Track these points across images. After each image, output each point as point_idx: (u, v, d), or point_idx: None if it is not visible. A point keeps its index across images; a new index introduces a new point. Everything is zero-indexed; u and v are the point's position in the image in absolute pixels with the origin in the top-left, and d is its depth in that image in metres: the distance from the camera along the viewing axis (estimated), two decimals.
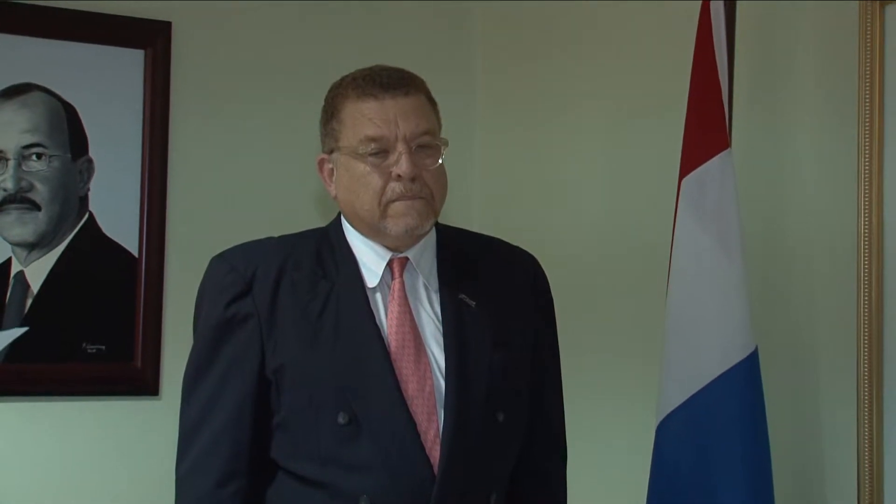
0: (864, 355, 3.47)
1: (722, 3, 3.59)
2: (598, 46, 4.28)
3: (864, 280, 3.47)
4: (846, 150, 3.52)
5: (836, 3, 3.59)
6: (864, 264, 3.48)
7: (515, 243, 3.19)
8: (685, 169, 3.53)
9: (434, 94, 3.01)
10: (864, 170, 3.48)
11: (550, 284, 3.17)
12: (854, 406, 3.48)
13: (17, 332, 3.09)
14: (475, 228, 3.33)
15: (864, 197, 3.48)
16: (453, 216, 3.34)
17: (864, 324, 3.47)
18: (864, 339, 3.47)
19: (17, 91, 3.73)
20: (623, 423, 4.03)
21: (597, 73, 4.28)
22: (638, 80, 4.14)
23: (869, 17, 3.47)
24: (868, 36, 3.47)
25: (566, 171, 4.34)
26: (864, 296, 3.47)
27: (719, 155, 3.48)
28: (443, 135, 2.98)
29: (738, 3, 3.64)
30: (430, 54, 4.31)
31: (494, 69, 4.61)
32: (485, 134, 4.55)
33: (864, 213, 3.48)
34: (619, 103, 4.20)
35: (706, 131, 3.52)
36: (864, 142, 3.48)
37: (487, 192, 4.52)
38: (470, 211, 4.23)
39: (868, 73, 3.48)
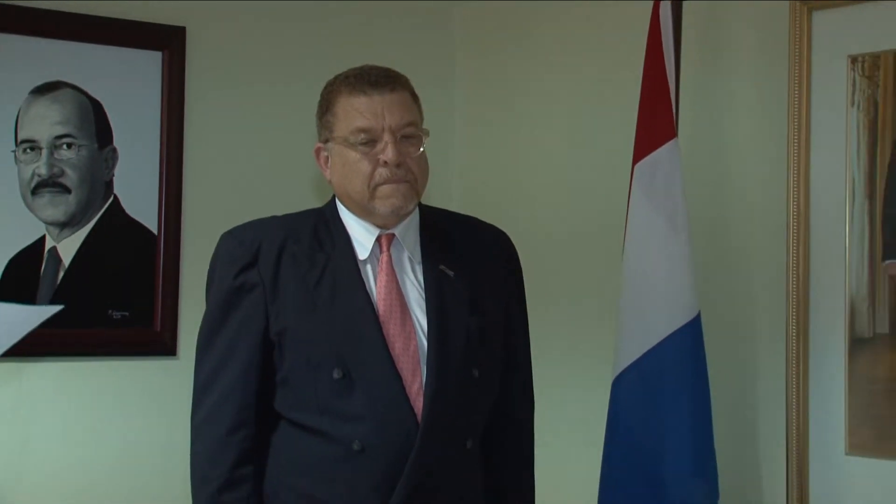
0: (793, 317, 3.47)
1: (669, 4, 3.59)
2: (563, 44, 4.25)
3: (792, 252, 3.47)
4: (777, 138, 3.53)
5: (770, 7, 3.59)
6: (793, 239, 3.48)
7: (490, 221, 3.21)
8: (637, 156, 3.53)
9: (417, 89, 3.03)
10: (793, 156, 3.48)
11: (520, 257, 3.18)
12: (783, 359, 3.49)
13: (54, 308, 3.10)
14: (454, 208, 3.35)
15: (793, 179, 3.48)
16: (434, 197, 3.37)
17: (793, 290, 3.47)
18: (793, 303, 3.47)
19: (48, 88, 3.71)
20: (584, 379, 4.01)
21: (563, 69, 4.25)
22: (599, 74, 4.12)
23: (798, 20, 3.47)
24: (797, 37, 3.47)
25: (536, 156, 4.32)
26: (793, 266, 3.47)
27: (667, 143, 3.48)
28: (424, 126, 3.01)
29: (685, 4, 3.64)
30: (415, 52, 4.28)
31: (472, 66, 4.57)
32: (463, 124, 4.52)
33: (793, 194, 3.48)
34: (583, 96, 4.17)
35: (656, 122, 3.51)
36: (793, 131, 3.48)
37: (465, 176, 4.48)
38: (449, 192, 4.22)
39: (797, 69, 3.48)
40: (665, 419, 3.45)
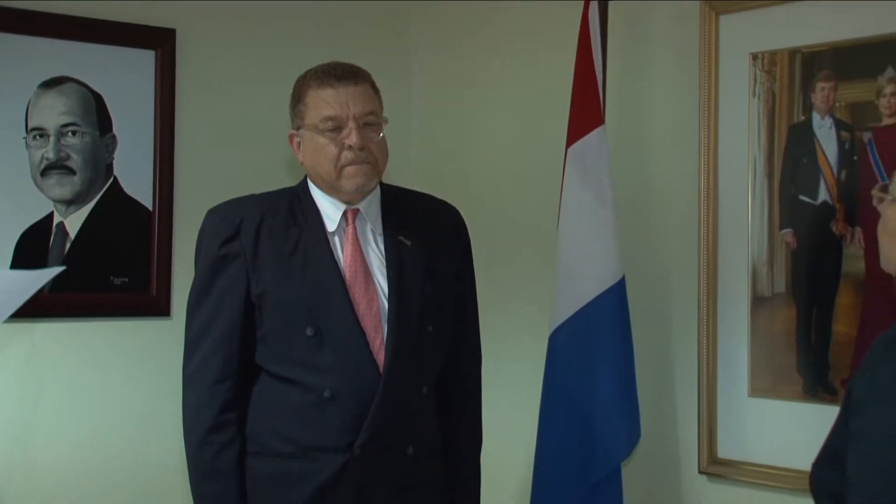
0: (703, 279, 3.49)
1: (597, 4, 3.56)
2: (507, 41, 4.20)
3: (703, 223, 3.49)
4: (690, 124, 3.54)
5: (683, 11, 3.57)
6: (704, 212, 3.49)
7: (442, 197, 3.25)
8: (570, 140, 3.52)
9: (379, 81, 3.05)
10: (704, 140, 3.49)
11: (468, 228, 3.22)
12: (696, 316, 3.51)
13: (58, 269, 3.11)
14: (411, 186, 3.36)
15: (704, 160, 3.49)
16: (394, 176, 3.35)
17: (704, 256, 3.49)
18: (703, 267, 3.49)
19: (55, 82, 3.66)
20: (524, 333, 4.00)
21: (506, 63, 4.20)
22: (538, 67, 4.08)
23: (707, 22, 3.46)
24: (706, 37, 3.46)
25: (482, 140, 4.29)
26: (704, 235, 3.49)
27: (596, 130, 3.48)
28: (384, 114, 3.03)
29: (610, 5, 3.60)
30: (377, 48, 4.14)
31: (426, 59, 4.51)
32: (419, 112, 4.48)
33: (704, 173, 3.49)
34: (524, 87, 4.13)
35: (586, 111, 3.50)
36: (704, 118, 3.49)
37: (421, 157, 4.44)
38: (407, 172, 4.15)
39: (706, 65, 3.48)
40: (594, 368, 3.46)
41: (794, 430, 3.28)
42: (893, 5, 3.09)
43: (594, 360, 3.47)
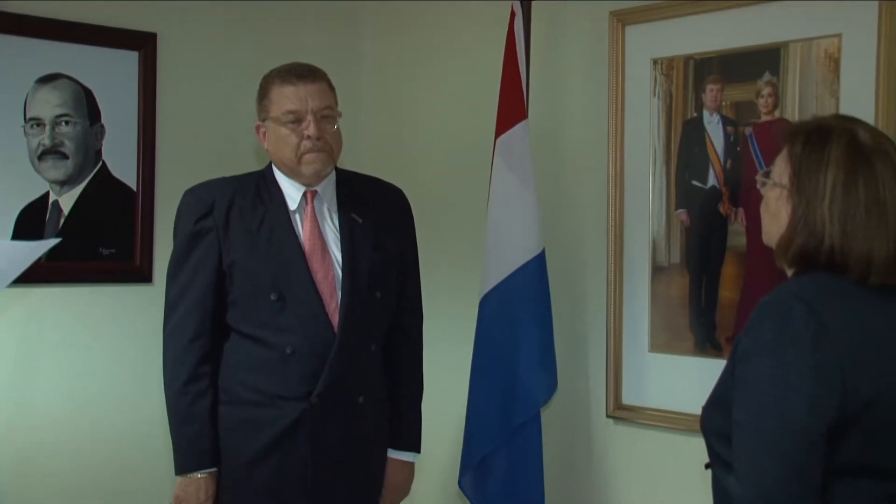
0: (612, 252, 3.50)
1: (520, 4, 3.50)
2: (448, 38, 4.13)
3: (611, 204, 3.50)
4: (601, 118, 3.53)
5: (595, 21, 3.55)
6: (612, 194, 3.50)
7: (390, 180, 3.27)
8: (498, 131, 3.50)
9: (334, 76, 3.07)
10: (612, 132, 3.49)
11: (412, 206, 3.25)
12: (605, 282, 3.52)
13: (54, 241, 3.09)
14: (362, 170, 3.36)
15: (612, 149, 3.49)
16: (347, 161, 3.34)
17: (612, 231, 3.49)
18: (612, 241, 3.50)
19: (50, 78, 3.60)
20: (459, 299, 3.97)
21: (446, 60, 4.13)
22: (473, 65, 4.01)
23: (615, 31, 3.46)
24: (615, 44, 3.47)
25: (425, 130, 4.22)
26: (612, 214, 3.50)
27: (520, 123, 3.46)
28: (339, 108, 3.05)
29: (534, 14, 3.56)
30: (329, 45, 4.24)
31: (376, 58, 4.41)
32: (368, 105, 4.39)
33: (612, 160, 3.49)
34: (460, 83, 4.07)
35: (511, 106, 3.48)
36: (612, 113, 3.48)
37: (371, 146, 4.37)
38: (358, 158, 4.06)
39: (615, 67, 3.47)
40: (518, 328, 3.47)
41: (686, 380, 3.31)
42: (770, 20, 3.12)
43: (518, 321, 3.47)
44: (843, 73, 2.97)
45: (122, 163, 3.84)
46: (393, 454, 3.20)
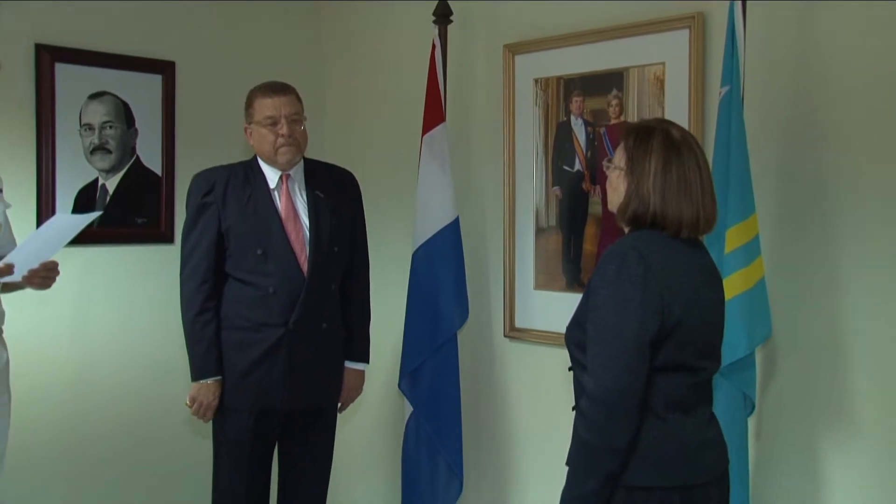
0: (507, 217, 3.44)
1: (437, 29, 3.41)
2: (394, 54, 3.90)
3: (506, 182, 3.42)
4: (497, 121, 3.46)
5: (493, 51, 3.45)
6: (506, 175, 3.44)
7: (344, 166, 3.24)
8: (424, 130, 3.41)
9: (299, 85, 3.05)
10: (506, 131, 3.44)
11: (361, 185, 3.22)
12: (502, 239, 3.47)
13: (97, 213, 3.04)
14: (323, 159, 3.31)
15: (506, 144, 3.42)
16: (312, 152, 3.31)
17: (507, 202, 3.44)
18: (507, 209, 3.45)
19: (98, 95, 3.52)
20: (396, 253, 3.83)
21: (388, 79, 3.93)
22: (409, 74, 3.78)
23: (508, 59, 3.39)
24: (508, 68, 3.39)
25: (373, 128, 4.00)
26: (507, 189, 3.44)
27: (440, 125, 3.39)
28: (305, 113, 3.03)
29: (449, 41, 3.47)
30: (300, 50, 4.10)
31: (337, 79, 4.15)
32: (329, 106, 4.16)
33: (506, 152, 3.44)
34: (402, 88, 3.83)
35: (433, 111, 3.39)
36: (506, 118, 3.42)
37: (330, 141, 4.13)
38: (322, 150, 4.08)
39: (508, 85, 3.41)
40: (439, 273, 3.42)
41: (559, 309, 3.28)
42: (616, 52, 3.10)
43: (439, 269, 3.44)
44: (667, 89, 2.99)
45: (150, 156, 3.78)
46: (349, 364, 3.18)
